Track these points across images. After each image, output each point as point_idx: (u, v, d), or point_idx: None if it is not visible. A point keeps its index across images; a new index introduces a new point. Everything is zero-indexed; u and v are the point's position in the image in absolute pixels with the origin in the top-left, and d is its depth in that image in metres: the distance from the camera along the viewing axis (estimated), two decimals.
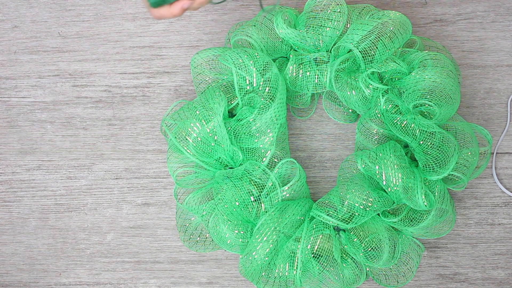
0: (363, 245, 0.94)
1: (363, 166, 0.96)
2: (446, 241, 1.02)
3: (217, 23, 1.08)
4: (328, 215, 0.94)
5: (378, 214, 0.97)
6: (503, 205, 1.03)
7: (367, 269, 0.98)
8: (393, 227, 0.97)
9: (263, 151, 0.98)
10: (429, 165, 0.94)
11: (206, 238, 1.01)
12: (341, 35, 0.99)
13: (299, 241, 0.95)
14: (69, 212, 1.05)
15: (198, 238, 1.01)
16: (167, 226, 1.04)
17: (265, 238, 0.93)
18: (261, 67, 0.96)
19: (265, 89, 0.96)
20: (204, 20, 1.08)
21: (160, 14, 0.82)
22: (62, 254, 1.05)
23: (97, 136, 1.06)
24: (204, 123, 0.94)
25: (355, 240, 0.95)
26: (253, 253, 0.94)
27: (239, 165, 0.98)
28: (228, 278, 1.03)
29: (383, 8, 1.06)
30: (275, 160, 0.99)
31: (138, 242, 1.04)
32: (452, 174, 0.96)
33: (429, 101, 0.93)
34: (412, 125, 0.95)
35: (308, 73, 1.00)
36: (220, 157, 0.98)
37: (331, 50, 1.00)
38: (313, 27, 0.98)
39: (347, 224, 0.93)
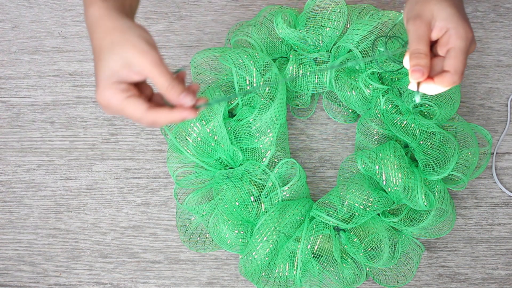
0: (363, 245, 0.94)
1: (363, 166, 0.96)
2: (446, 241, 1.02)
3: (217, 23, 1.08)
4: (328, 215, 0.94)
5: (378, 214, 0.97)
6: (503, 205, 1.02)
7: (367, 269, 0.98)
8: (393, 227, 0.97)
9: (263, 151, 0.98)
10: (429, 165, 0.94)
11: (206, 238, 1.01)
12: (341, 35, 0.99)
13: (299, 241, 0.95)
14: (69, 212, 1.05)
15: (198, 238, 1.01)
16: (167, 226, 1.04)
17: (265, 238, 0.93)
18: (261, 67, 0.96)
19: (265, 89, 0.96)
20: (204, 20, 1.08)
21: (154, 119, 0.71)
22: (62, 254, 1.05)
23: (97, 136, 1.06)
24: (204, 123, 0.94)
25: (355, 240, 0.95)
26: (253, 253, 0.94)
27: (239, 165, 0.98)
28: (228, 278, 1.03)
29: (383, 8, 1.06)
30: (275, 160, 0.99)
31: (138, 242, 1.04)
32: (452, 174, 0.96)
33: (429, 101, 0.93)
34: (412, 125, 0.95)
35: (308, 73, 1.00)
36: (220, 157, 0.98)
37: (331, 50, 1.00)
38: (313, 27, 0.98)
39: (347, 224, 0.93)
